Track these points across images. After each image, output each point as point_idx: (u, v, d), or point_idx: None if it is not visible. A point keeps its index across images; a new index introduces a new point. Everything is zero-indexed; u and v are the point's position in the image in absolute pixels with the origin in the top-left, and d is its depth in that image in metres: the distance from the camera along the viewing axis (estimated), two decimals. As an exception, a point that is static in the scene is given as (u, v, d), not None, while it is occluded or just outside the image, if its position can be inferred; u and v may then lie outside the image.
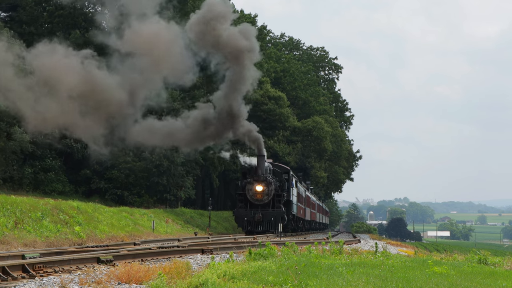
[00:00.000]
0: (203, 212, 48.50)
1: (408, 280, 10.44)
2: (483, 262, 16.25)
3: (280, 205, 36.32)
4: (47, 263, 11.61)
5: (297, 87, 76.67)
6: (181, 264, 11.68)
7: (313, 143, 70.40)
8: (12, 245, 17.60)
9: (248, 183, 35.78)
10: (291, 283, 9.42)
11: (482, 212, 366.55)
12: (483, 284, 10.58)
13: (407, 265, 13.44)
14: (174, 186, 45.31)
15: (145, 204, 43.08)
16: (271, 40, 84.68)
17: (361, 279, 10.24)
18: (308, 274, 10.63)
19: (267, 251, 14.24)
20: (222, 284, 9.34)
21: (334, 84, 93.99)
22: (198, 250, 16.86)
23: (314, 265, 12.31)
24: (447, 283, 10.34)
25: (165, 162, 43.60)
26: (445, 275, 11.62)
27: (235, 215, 36.40)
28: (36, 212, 22.15)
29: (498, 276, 11.99)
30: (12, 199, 22.57)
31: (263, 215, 35.20)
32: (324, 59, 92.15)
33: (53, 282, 10.00)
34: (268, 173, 36.77)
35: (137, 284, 9.93)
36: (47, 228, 21.43)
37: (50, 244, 19.25)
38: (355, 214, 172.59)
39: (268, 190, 35.59)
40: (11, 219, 20.27)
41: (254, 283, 9.54)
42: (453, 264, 14.69)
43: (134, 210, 35.56)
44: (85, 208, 27.09)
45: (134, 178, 43.16)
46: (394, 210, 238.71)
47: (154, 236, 28.35)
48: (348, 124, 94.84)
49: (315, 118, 71.42)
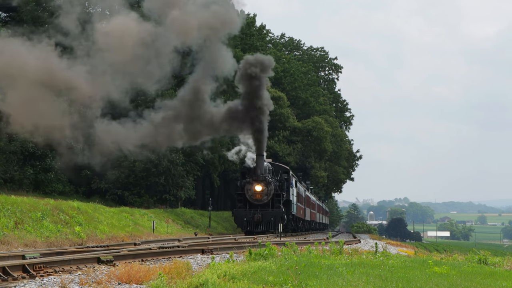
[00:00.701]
0: (203, 212, 48.51)
1: (408, 280, 10.45)
2: (483, 262, 16.26)
3: (279, 205, 36.18)
4: (48, 263, 11.62)
5: (297, 87, 76.70)
6: (181, 264, 11.69)
7: (313, 143, 70.43)
8: (13, 245, 17.61)
9: (247, 183, 35.64)
10: (291, 283, 9.43)
11: (482, 212, 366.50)
12: (483, 284, 10.59)
13: (407, 265, 13.45)
14: (174, 186, 45.30)
15: (145, 204, 43.08)
16: (271, 41, 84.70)
17: (361, 279, 10.25)
18: (308, 274, 10.65)
19: (267, 251, 14.25)
20: (222, 284, 9.35)
21: (334, 84, 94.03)
22: (198, 250, 16.87)
23: (314, 265, 12.32)
24: (447, 283, 10.35)
25: (165, 162, 43.60)
26: (445, 275, 11.62)
27: (234, 215, 36.26)
28: (36, 212, 22.16)
29: (498, 276, 12.00)
30: (13, 199, 22.58)
31: (262, 215, 35.04)
32: (324, 59, 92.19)
33: (53, 282, 10.01)
34: (267, 173, 36.59)
35: (138, 284, 9.94)
36: (48, 228, 21.44)
37: (50, 244, 19.27)
38: (355, 214, 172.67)
39: (267, 190, 35.45)
40: (11, 219, 20.28)
41: (254, 283, 9.56)
42: (453, 264, 14.70)
43: (135, 210, 35.55)
44: (86, 208, 27.10)
45: (134, 178, 43.16)
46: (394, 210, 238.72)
47: (154, 236, 28.36)
48: (348, 124, 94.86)
49: (315, 118, 71.44)
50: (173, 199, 46.20)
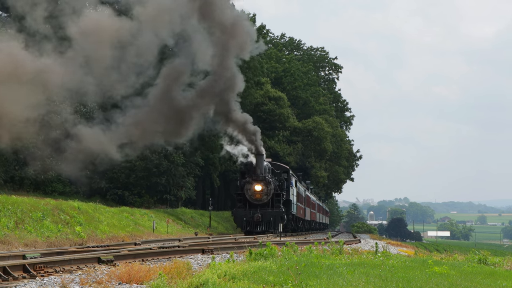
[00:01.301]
0: (204, 212, 48.54)
1: (408, 280, 10.46)
2: (483, 262, 16.28)
3: (279, 204, 35.94)
4: (48, 263, 11.63)
5: (297, 87, 76.72)
6: (181, 264, 11.70)
7: (314, 143, 70.48)
8: (13, 245, 17.62)
9: (246, 183, 35.40)
10: (291, 283, 9.44)
11: (482, 212, 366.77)
12: (483, 284, 10.60)
13: (407, 265, 13.46)
14: (174, 186, 45.31)
15: (145, 204, 43.09)
16: (271, 41, 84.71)
17: (362, 279, 10.26)
18: (308, 274, 10.66)
19: (268, 251, 14.26)
20: (222, 284, 9.36)
21: (334, 84, 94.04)
22: (199, 250, 16.88)
23: (314, 265, 12.33)
24: (447, 283, 10.36)
25: (165, 162, 43.62)
26: (445, 275, 11.64)
27: (234, 215, 36.06)
28: (37, 212, 22.17)
29: (498, 276, 12.02)
30: (13, 199, 22.58)
31: (262, 215, 34.83)
32: (324, 59, 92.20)
33: (54, 282, 10.02)
34: (267, 172, 36.31)
35: (138, 284, 9.95)
36: (48, 228, 21.45)
37: (51, 244, 19.28)
38: (355, 214, 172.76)
39: (267, 190, 35.22)
40: (12, 219, 20.29)
41: (254, 283, 9.56)
42: (453, 264, 14.72)
43: (135, 210, 35.56)
44: (86, 208, 27.11)
45: (135, 178, 43.17)
46: (394, 210, 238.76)
47: (155, 236, 28.37)
48: (348, 124, 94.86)
49: (315, 118, 71.47)
50: (173, 199, 46.21)
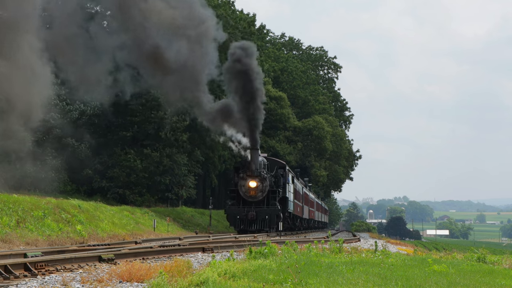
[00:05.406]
0: (204, 211, 48.54)
1: (407, 279, 10.52)
2: (482, 261, 16.33)
3: (275, 202, 33.68)
4: (49, 261, 11.68)
5: (296, 86, 76.73)
6: (182, 262, 11.76)
7: (314, 142, 70.52)
8: (14, 244, 17.67)
9: (241, 179, 33.23)
10: (291, 281, 9.50)
11: (481, 211, 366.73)
12: (482, 282, 10.66)
13: (407, 264, 13.51)
14: (176, 185, 45.34)
15: (146, 203, 43.14)
16: (270, 40, 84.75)
17: (361, 278, 10.31)
18: (308, 273, 10.71)
19: (268, 249, 14.31)
20: (222, 282, 9.42)
21: (334, 83, 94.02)
22: (199, 248, 16.92)
23: (314, 263, 12.38)
24: (446, 281, 10.42)
25: (166, 161, 43.67)
26: (444, 274, 11.69)
27: (227, 213, 33.85)
28: (38, 211, 22.21)
29: (497, 275, 12.08)
30: (14, 198, 22.61)
31: (257, 213, 32.58)
32: (323, 58, 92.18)
33: (55, 281, 10.07)
34: (262, 168, 33.91)
35: (139, 282, 10.00)
36: (49, 226, 21.49)
37: (52, 243, 19.32)
38: (354, 213, 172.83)
39: (262, 186, 32.96)
40: (13, 218, 20.33)
41: (254, 282, 9.61)
42: (452, 262, 14.76)
43: (136, 209, 35.60)
44: (87, 207, 27.15)
45: (135, 177, 43.22)
46: (393, 209, 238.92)
47: (155, 235, 28.41)
48: (347, 123, 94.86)
49: (315, 118, 71.52)
50: (174, 197, 46.24)
